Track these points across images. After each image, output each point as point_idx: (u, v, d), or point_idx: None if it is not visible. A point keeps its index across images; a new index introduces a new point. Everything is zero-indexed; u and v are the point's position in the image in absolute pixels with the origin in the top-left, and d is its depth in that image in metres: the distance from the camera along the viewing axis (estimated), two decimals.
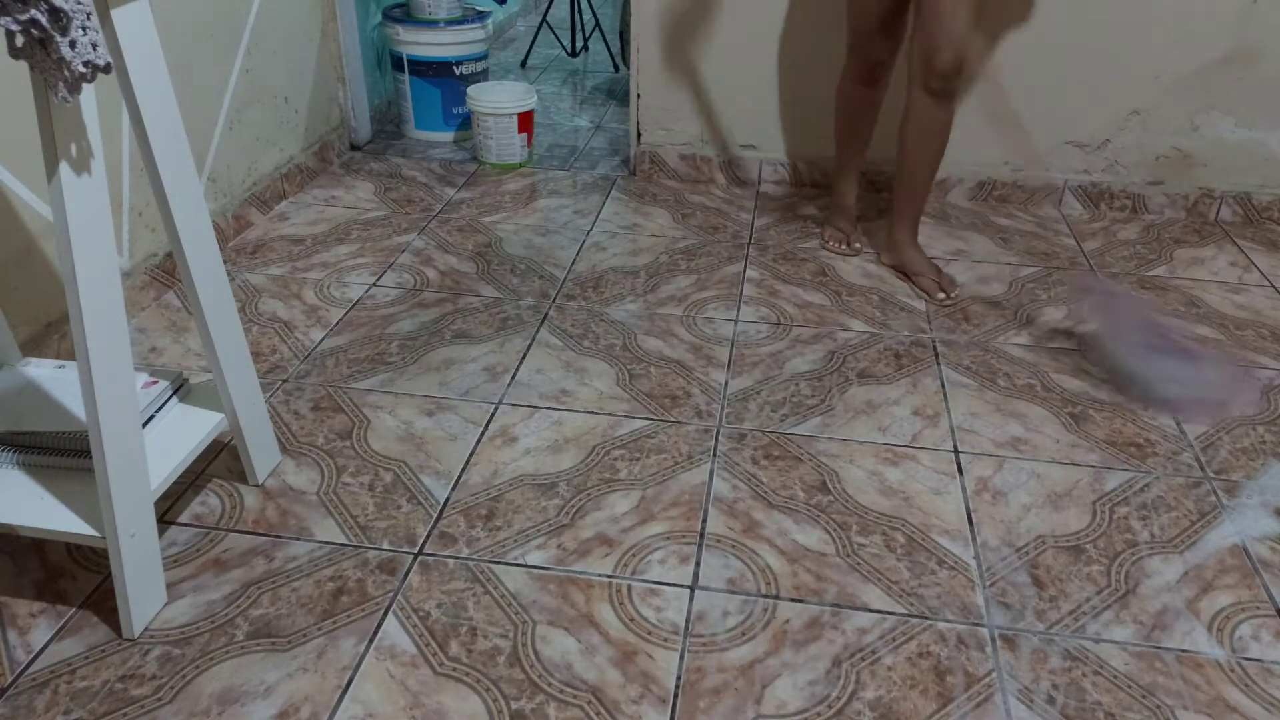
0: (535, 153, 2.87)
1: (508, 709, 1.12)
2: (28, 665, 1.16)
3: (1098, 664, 1.21)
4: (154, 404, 1.34)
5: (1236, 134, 2.44)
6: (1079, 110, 2.47)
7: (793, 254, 2.27)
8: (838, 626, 1.25)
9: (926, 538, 1.40)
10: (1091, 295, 1.70)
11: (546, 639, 1.22)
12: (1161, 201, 2.53)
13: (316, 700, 1.13)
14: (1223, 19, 2.31)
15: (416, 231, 2.32)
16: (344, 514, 1.42)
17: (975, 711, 1.14)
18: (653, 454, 1.56)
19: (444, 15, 2.85)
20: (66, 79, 0.93)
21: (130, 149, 1.87)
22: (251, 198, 2.32)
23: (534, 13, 4.61)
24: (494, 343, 1.86)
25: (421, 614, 1.25)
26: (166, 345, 1.83)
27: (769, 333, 1.93)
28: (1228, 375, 1.49)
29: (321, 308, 1.97)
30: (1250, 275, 2.23)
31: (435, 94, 2.90)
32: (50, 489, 1.22)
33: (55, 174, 0.99)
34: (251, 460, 1.44)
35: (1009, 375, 1.80)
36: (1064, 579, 1.34)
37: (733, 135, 2.64)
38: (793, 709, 1.14)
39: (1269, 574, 1.36)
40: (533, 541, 1.38)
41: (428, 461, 1.53)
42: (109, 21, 1.05)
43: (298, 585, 1.29)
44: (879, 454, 1.58)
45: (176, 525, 1.39)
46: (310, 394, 1.69)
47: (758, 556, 1.36)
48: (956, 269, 2.21)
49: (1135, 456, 1.59)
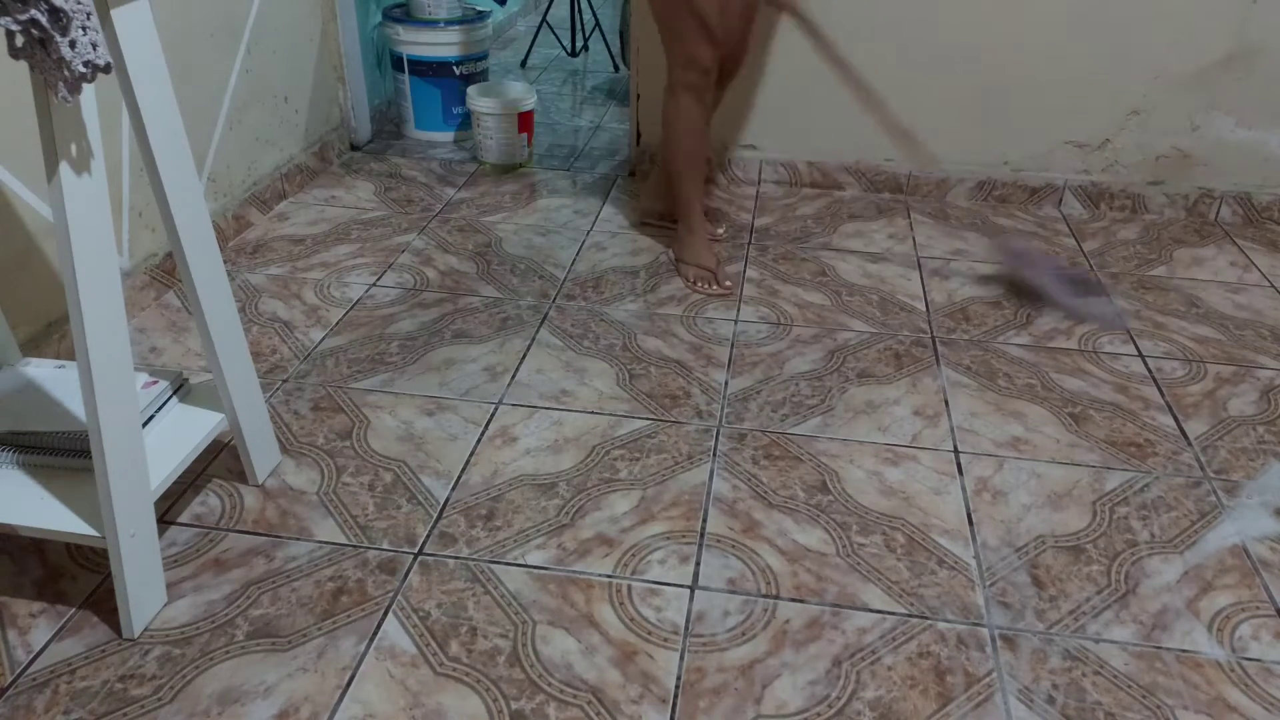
0: (535, 153, 2.87)
1: (508, 709, 1.12)
2: (28, 665, 1.16)
3: (1098, 664, 1.21)
4: (154, 404, 1.34)
5: (1236, 134, 2.44)
6: (1079, 110, 2.47)
7: (793, 254, 2.27)
8: (838, 626, 1.25)
9: (926, 538, 1.40)
10: (1008, 248, 2.23)
11: (546, 639, 1.22)
12: (1161, 201, 2.53)
13: (316, 700, 1.13)
14: (1223, 19, 2.31)
15: (416, 231, 2.32)
16: (344, 514, 1.42)
17: (975, 711, 1.14)
18: (653, 454, 1.56)
19: (444, 15, 2.85)
20: (66, 79, 0.93)
21: (130, 149, 1.87)
22: (251, 198, 2.32)
23: (534, 13, 4.61)
24: (494, 343, 1.86)
25: (421, 614, 1.25)
26: (166, 345, 1.83)
27: (769, 333, 1.93)
28: (1103, 300, 2.09)
29: (321, 308, 1.97)
30: (1250, 275, 2.23)
31: (435, 94, 2.90)
32: (50, 489, 1.22)
33: (55, 174, 0.99)
34: (251, 460, 1.44)
35: (1009, 375, 1.80)
36: (1064, 579, 1.34)
37: (733, 135, 2.64)
38: (793, 709, 1.14)
39: (1269, 574, 1.36)
40: (533, 541, 1.38)
41: (428, 461, 1.53)
42: (109, 21, 1.05)
43: (298, 585, 1.29)
44: (879, 454, 1.58)
45: (176, 525, 1.39)
46: (310, 394, 1.69)
47: (758, 556, 1.36)
48: (956, 269, 2.21)
49: (1135, 456, 1.59)
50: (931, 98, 2.50)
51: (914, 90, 2.49)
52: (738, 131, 2.63)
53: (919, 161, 2.45)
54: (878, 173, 2.61)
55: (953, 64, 2.45)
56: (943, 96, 2.49)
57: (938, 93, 2.49)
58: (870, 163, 2.62)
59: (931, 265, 2.22)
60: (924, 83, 2.48)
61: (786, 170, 2.66)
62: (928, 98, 2.50)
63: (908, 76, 2.48)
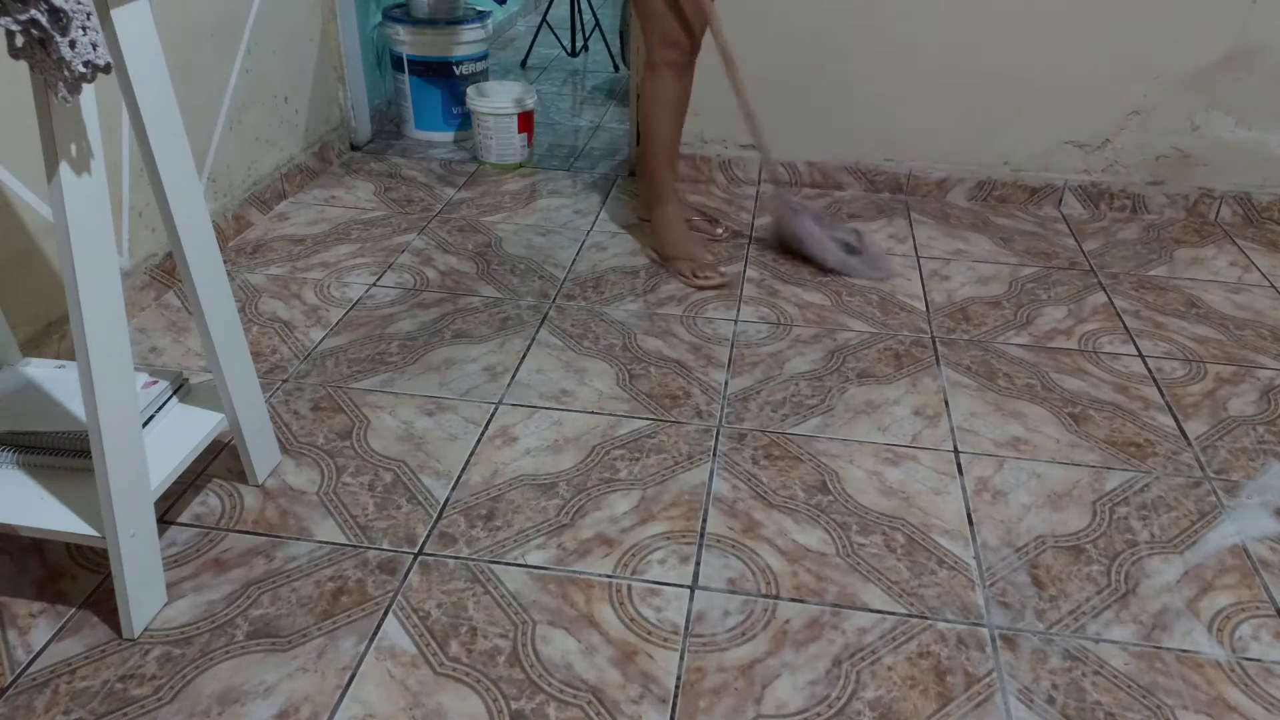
0: (535, 153, 2.87)
1: (508, 709, 1.12)
2: (28, 665, 1.16)
3: (1098, 664, 1.21)
4: (154, 404, 1.34)
5: (1236, 134, 2.44)
6: (1079, 110, 2.47)
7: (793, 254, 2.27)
8: (838, 626, 1.25)
9: (926, 538, 1.40)
10: (785, 204, 2.25)
11: (546, 639, 1.22)
12: (1161, 201, 2.53)
13: (316, 700, 1.13)
14: (1223, 19, 2.31)
15: (416, 231, 2.32)
16: (344, 514, 1.42)
17: (975, 711, 1.14)
18: (653, 454, 1.56)
19: (444, 15, 2.85)
20: (66, 79, 0.93)
21: (130, 149, 1.87)
22: (251, 198, 2.32)
23: (534, 13, 4.61)
24: (494, 343, 1.86)
25: (421, 614, 1.25)
26: (166, 345, 1.83)
27: (769, 333, 1.93)
28: (873, 254, 2.19)
29: (321, 308, 1.97)
30: (1250, 275, 2.23)
31: (435, 94, 2.90)
32: (50, 489, 1.22)
33: (55, 174, 0.99)
34: (251, 460, 1.44)
35: (1009, 375, 1.80)
36: (1064, 579, 1.34)
37: (733, 135, 2.64)
38: (793, 709, 1.14)
39: (1269, 574, 1.36)
40: (533, 541, 1.38)
41: (428, 461, 1.53)
42: (109, 21, 1.05)
43: (298, 585, 1.29)
44: (879, 454, 1.58)
45: (176, 525, 1.39)
46: (310, 394, 1.69)
47: (758, 556, 1.36)
48: (956, 269, 2.21)
49: (1135, 456, 1.59)
50: (932, 97, 2.50)
51: (914, 90, 2.50)
52: (738, 131, 2.63)
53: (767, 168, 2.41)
54: (878, 173, 2.61)
55: (953, 63, 2.45)
56: (943, 96, 2.50)
57: (938, 92, 2.49)
58: (870, 163, 2.62)
59: (930, 266, 2.22)
60: (924, 82, 2.48)
61: (786, 170, 2.66)
62: (928, 97, 2.50)
63: (908, 76, 2.48)
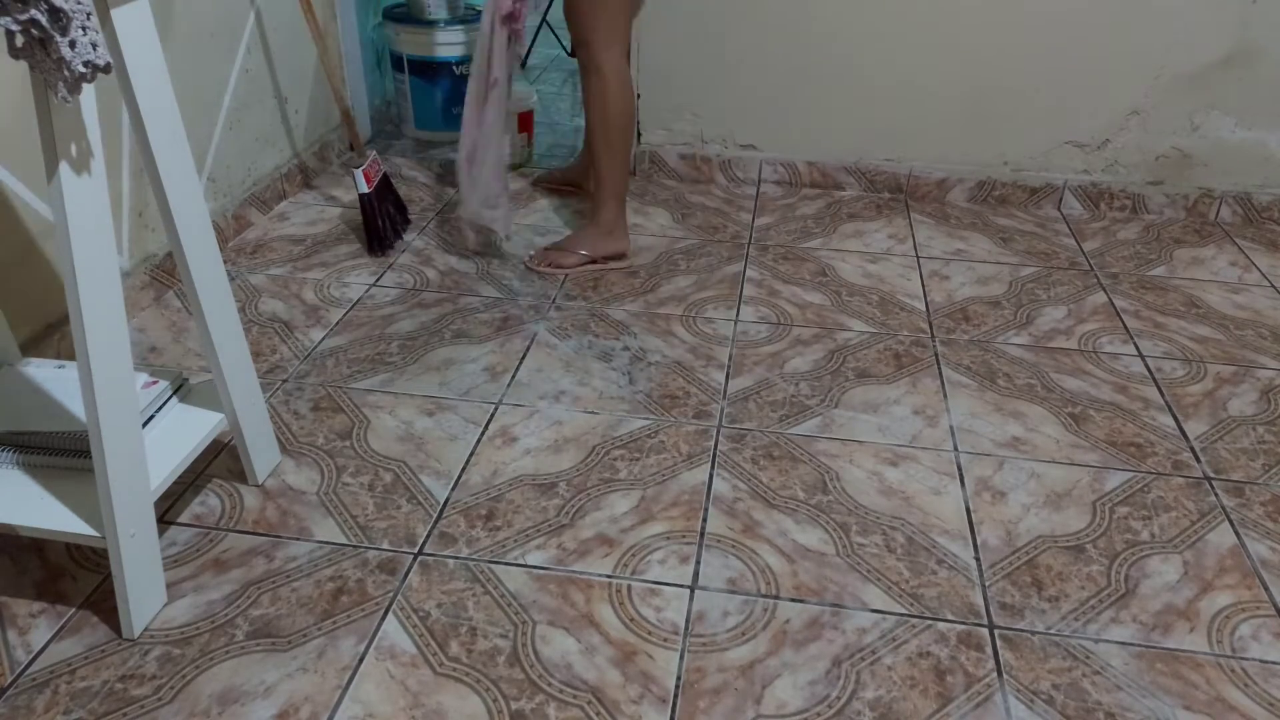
0: (535, 153, 2.87)
1: (508, 709, 1.12)
2: (28, 665, 1.16)
3: (1098, 664, 1.21)
4: (154, 404, 1.34)
5: (1236, 134, 2.44)
6: (1079, 110, 2.47)
7: (793, 254, 2.27)
8: (838, 626, 1.25)
9: (926, 538, 1.40)
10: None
11: (546, 639, 1.22)
12: (1161, 201, 2.53)
13: (316, 700, 1.13)
14: (1223, 19, 2.31)
15: (416, 231, 2.32)
16: (344, 514, 1.42)
17: (975, 711, 1.14)
18: (652, 454, 1.56)
19: (444, 15, 2.85)
20: (66, 79, 0.93)
21: (130, 149, 1.87)
22: (251, 198, 2.32)
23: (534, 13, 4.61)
24: (494, 343, 1.86)
25: (421, 614, 1.25)
26: (166, 345, 1.83)
27: (769, 333, 1.93)
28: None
29: (321, 308, 1.97)
30: (1250, 275, 2.23)
31: (435, 94, 2.90)
32: (50, 489, 1.22)
33: (55, 174, 0.99)
34: (251, 460, 1.44)
35: (1009, 375, 1.80)
36: (1064, 579, 1.34)
37: (733, 135, 2.64)
38: (793, 709, 1.14)
39: (1269, 574, 1.36)
40: (533, 541, 1.38)
41: (428, 461, 1.53)
42: (109, 21, 1.05)
43: (298, 585, 1.29)
44: (879, 454, 1.58)
45: (176, 525, 1.39)
46: (310, 394, 1.69)
47: (758, 556, 1.36)
48: (956, 269, 2.21)
49: (1135, 456, 1.59)
50: (931, 97, 2.50)
51: (914, 89, 2.50)
52: (738, 131, 2.63)
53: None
54: (878, 173, 2.61)
55: (953, 63, 2.45)
56: (942, 96, 2.49)
57: (937, 92, 2.49)
58: (870, 163, 2.62)
59: (930, 266, 2.23)
60: (924, 82, 2.48)
61: (786, 170, 2.66)
62: (928, 97, 2.50)
63: (908, 76, 2.48)
